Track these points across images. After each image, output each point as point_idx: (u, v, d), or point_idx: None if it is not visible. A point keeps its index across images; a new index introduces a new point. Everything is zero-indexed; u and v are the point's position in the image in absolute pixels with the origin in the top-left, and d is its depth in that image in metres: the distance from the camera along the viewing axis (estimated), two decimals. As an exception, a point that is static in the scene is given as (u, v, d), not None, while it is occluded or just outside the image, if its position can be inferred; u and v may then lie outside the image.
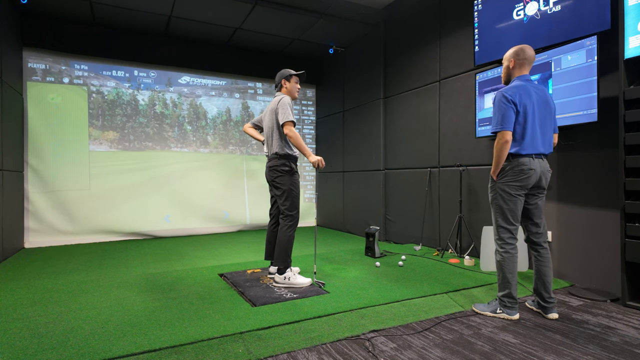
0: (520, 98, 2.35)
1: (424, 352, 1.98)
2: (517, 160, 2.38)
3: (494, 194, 2.47)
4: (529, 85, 2.41)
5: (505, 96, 2.35)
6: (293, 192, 3.06)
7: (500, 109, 2.36)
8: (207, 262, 3.99)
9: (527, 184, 2.38)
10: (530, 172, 2.37)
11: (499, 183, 2.44)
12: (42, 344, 2.01)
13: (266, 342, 2.06)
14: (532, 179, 2.38)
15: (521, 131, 2.37)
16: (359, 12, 5.10)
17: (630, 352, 1.98)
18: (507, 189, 2.40)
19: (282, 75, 3.18)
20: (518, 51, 2.46)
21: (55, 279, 3.34)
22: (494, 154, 2.41)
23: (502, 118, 2.34)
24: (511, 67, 2.49)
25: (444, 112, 4.42)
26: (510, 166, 2.39)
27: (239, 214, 6.42)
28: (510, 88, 2.39)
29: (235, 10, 4.94)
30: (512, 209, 2.41)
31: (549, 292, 2.46)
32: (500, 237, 2.46)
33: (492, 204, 2.51)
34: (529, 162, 2.37)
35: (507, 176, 2.40)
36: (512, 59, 2.47)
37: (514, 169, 2.38)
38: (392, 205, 5.27)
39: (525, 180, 2.37)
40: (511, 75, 2.51)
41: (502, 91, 2.39)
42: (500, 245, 2.46)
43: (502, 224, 2.45)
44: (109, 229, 5.46)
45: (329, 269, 3.60)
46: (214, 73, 6.30)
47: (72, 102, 5.32)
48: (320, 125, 7.13)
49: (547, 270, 2.47)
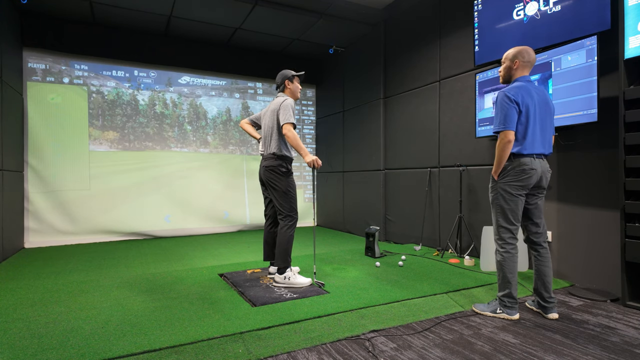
0: (523, 98, 2.35)
1: (424, 352, 1.98)
2: (519, 160, 2.38)
3: (495, 193, 2.47)
4: (530, 86, 2.41)
5: (508, 96, 2.35)
6: (290, 193, 3.08)
7: (503, 109, 2.36)
8: (207, 262, 3.99)
9: (529, 184, 2.38)
10: (531, 172, 2.37)
11: (500, 183, 2.44)
12: (42, 344, 2.01)
13: (266, 342, 2.06)
14: (534, 179, 2.38)
15: (523, 131, 2.37)
16: (359, 12, 5.10)
17: (630, 352, 1.98)
18: (508, 189, 2.40)
19: (284, 76, 3.18)
20: (523, 53, 2.45)
21: (55, 279, 3.34)
22: (495, 154, 2.40)
23: (504, 118, 2.34)
24: (514, 67, 2.48)
25: (444, 112, 4.42)
26: (511, 166, 2.39)
27: (239, 214, 6.42)
28: (513, 88, 2.39)
29: (235, 10, 4.94)
30: (513, 209, 2.41)
31: (549, 292, 2.47)
32: (501, 237, 2.46)
33: (492, 203, 2.51)
34: (530, 162, 2.37)
35: (509, 176, 2.40)
36: (517, 60, 2.46)
37: (515, 169, 2.38)
38: (392, 205, 5.27)
39: (526, 180, 2.37)
40: (512, 75, 2.50)
41: (505, 91, 2.38)
42: (501, 245, 2.46)
43: (502, 224, 2.45)
44: (109, 229, 5.46)
45: (329, 269, 3.60)
46: (214, 73, 6.30)
47: (72, 102, 5.32)
48: (320, 125, 7.13)
49: (547, 270, 2.47)
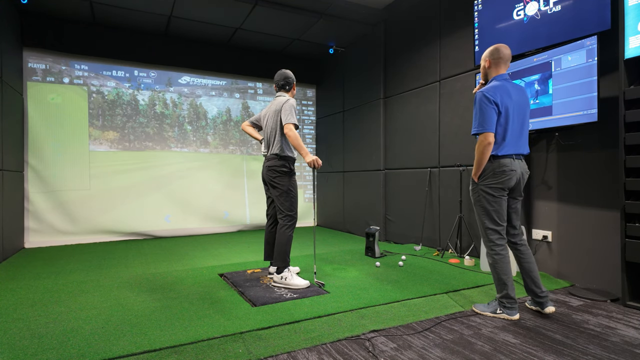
0: (502, 98, 2.33)
1: (424, 352, 1.98)
2: (499, 161, 2.36)
3: (477, 196, 2.46)
4: (507, 85, 2.40)
5: (487, 96, 2.33)
6: (291, 193, 3.09)
7: (482, 110, 2.34)
8: (207, 262, 3.99)
9: (508, 185, 2.38)
10: (511, 173, 2.36)
11: (480, 185, 2.43)
12: (42, 344, 2.01)
13: (266, 342, 2.06)
14: (513, 180, 2.38)
15: (502, 132, 2.35)
16: (359, 12, 5.10)
17: (630, 352, 1.98)
18: (489, 191, 2.40)
19: (291, 78, 3.25)
20: (493, 50, 2.46)
21: (55, 279, 3.34)
22: (475, 156, 2.39)
23: (484, 119, 2.33)
24: (487, 66, 2.49)
25: (444, 112, 4.42)
26: (491, 167, 2.38)
27: (239, 214, 6.42)
28: (491, 88, 2.37)
29: (235, 10, 4.94)
30: (498, 210, 2.40)
31: (540, 287, 2.46)
32: (489, 238, 2.43)
33: (475, 206, 2.49)
34: (510, 163, 2.36)
35: (488, 177, 2.39)
36: (488, 58, 2.47)
37: (495, 170, 2.37)
38: (392, 205, 5.26)
39: (506, 182, 2.36)
40: (488, 74, 2.51)
41: (483, 91, 2.36)
42: (491, 247, 2.44)
43: (489, 226, 2.43)
44: (109, 229, 5.46)
45: (329, 269, 3.60)
46: (214, 73, 6.30)
47: (72, 102, 5.32)
48: (320, 125, 7.13)
49: (531, 266, 2.47)
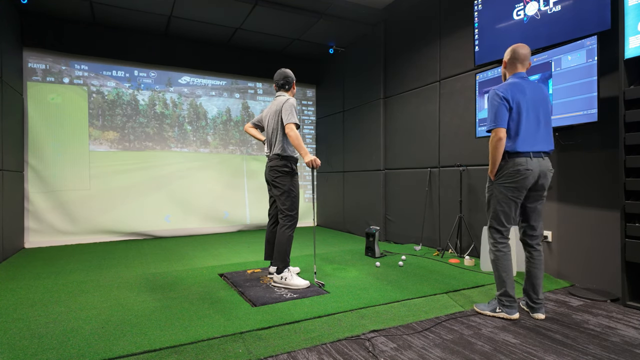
0: (513, 94, 2.35)
1: (424, 352, 1.98)
2: (513, 160, 2.36)
3: (490, 194, 2.48)
4: (523, 82, 2.41)
5: (497, 93, 2.37)
6: (293, 193, 3.09)
7: (493, 107, 2.37)
8: (207, 262, 3.99)
9: (524, 185, 2.35)
10: (526, 172, 2.33)
11: (496, 183, 2.44)
12: (42, 344, 2.01)
13: (266, 342, 2.06)
14: (530, 179, 2.35)
15: (515, 127, 2.36)
16: (359, 12, 5.10)
17: (630, 352, 1.98)
18: (503, 190, 2.39)
19: (291, 77, 3.25)
20: (509, 51, 2.50)
21: (55, 279, 3.34)
22: (489, 153, 2.41)
23: (495, 115, 2.35)
24: (504, 67, 2.54)
25: (444, 112, 4.42)
26: (506, 166, 2.38)
27: (239, 214, 6.42)
28: (503, 85, 2.41)
29: (235, 10, 4.94)
30: (506, 212, 2.40)
31: (538, 294, 2.45)
32: (492, 236, 2.49)
33: (486, 203, 2.52)
34: (525, 162, 2.34)
35: (503, 176, 2.39)
36: (504, 59, 2.52)
37: (509, 169, 2.37)
38: (392, 205, 5.26)
39: (522, 182, 2.34)
40: (506, 74, 2.55)
41: (495, 89, 2.41)
42: (492, 244, 2.48)
43: (494, 225, 2.46)
44: (109, 229, 5.46)
45: (329, 269, 3.60)
46: (214, 73, 6.30)
47: (72, 102, 5.32)
48: (320, 125, 7.13)
49: (538, 273, 2.46)
